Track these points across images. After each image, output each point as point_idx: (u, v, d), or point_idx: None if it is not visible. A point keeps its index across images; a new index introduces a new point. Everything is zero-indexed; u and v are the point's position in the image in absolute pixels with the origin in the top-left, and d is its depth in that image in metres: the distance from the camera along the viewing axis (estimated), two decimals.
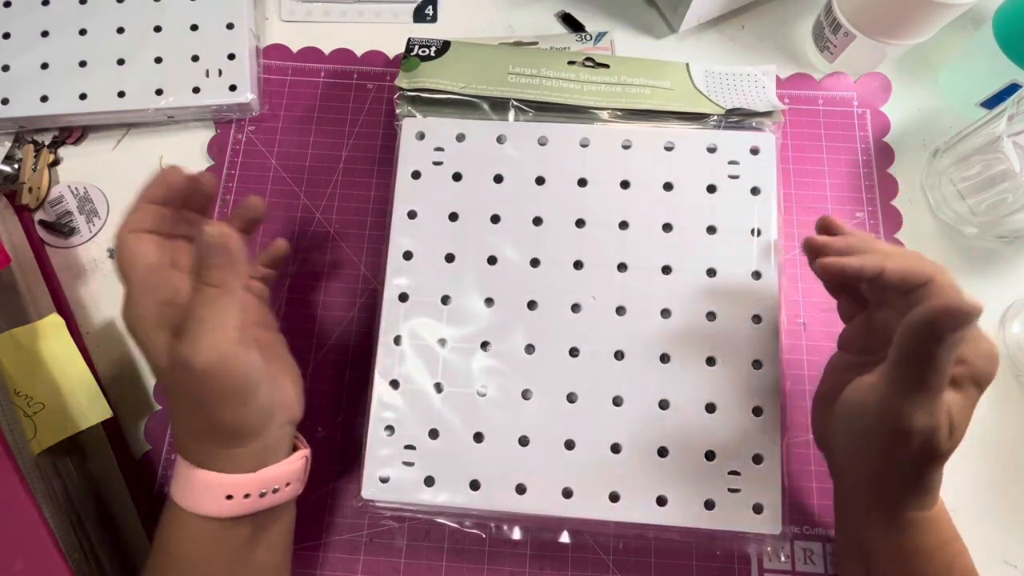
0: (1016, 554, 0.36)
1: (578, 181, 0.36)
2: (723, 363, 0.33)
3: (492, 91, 0.38)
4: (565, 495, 0.32)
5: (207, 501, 0.28)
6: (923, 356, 0.23)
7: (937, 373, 0.23)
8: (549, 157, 0.36)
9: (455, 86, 0.38)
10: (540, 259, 0.35)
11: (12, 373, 0.34)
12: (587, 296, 0.34)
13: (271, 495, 0.29)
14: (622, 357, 0.34)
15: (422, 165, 0.36)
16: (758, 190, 0.35)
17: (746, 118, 0.38)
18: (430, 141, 0.37)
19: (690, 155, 0.36)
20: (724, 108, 0.37)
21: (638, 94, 0.38)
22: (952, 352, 0.23)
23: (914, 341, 0.23)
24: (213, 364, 0.25)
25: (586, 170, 0.36)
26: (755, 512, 0.32)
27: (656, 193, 0.36)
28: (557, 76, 0.39)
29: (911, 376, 0.24)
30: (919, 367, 0.24)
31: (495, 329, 0.34)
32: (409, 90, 0.38)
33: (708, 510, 0.32)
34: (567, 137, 0.37)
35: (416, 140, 0.37)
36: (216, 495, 0.28)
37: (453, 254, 0.35)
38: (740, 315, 0.34)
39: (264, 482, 0.28)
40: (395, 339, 0.34)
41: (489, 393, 0.33)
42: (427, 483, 0.32)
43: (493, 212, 0.36)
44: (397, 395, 0.33)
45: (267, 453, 0.29)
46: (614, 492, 0.32)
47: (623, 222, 0.35)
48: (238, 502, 0.28)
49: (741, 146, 0.36)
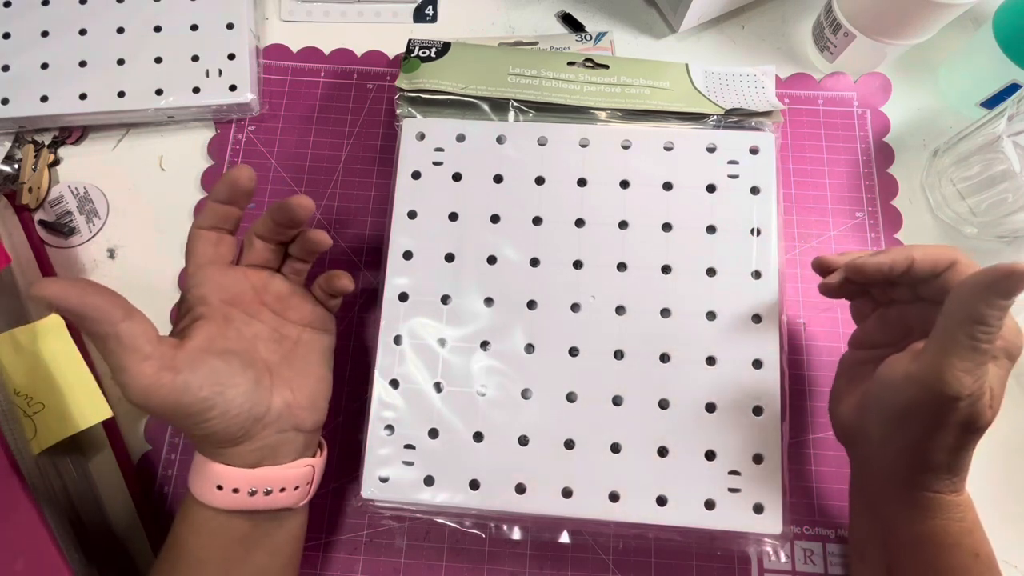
0: (1016, 554, 0.36)
1: (578, 181, 0.36)
2: (723, 363, 0.33)
3: (492, 92, 0.38)
4: (565, 495, 0.32)
5: (199, 486, 0.29)
6: (977, 319, 0.24)
7: (989, 336, 0.24)
8: (549, 157, 0.36)
9: (455, 87, 0.38)
10: (540, 259, 0.35)
11: (12, 373, 0.34)
12: (587, 296, 0.34)
13: (263, 496, 0.29)
14: (622, 357, 0.34)
15: (422, 165, 0.36)
16: (758, 189, 0.35)
17: (746, 118, 0.38)
18: (430, 141, 0.37)
19: (690, 155, 0.36)
20: (724, 108, 0.37)
21: (637, 94, 0.38)
22: (1003, 317, 0.24)
23: (968, 306, 0.24)
24: (141, 403, 0.26)
25: (586, 170, 0.36)
26: (755, 512, 0.32)
27: (656, 193, 0.36)
28: (557, 77, 0.39)
29: (963, 342, 0.24)
30: (972, 331, 0.24)
31: (495, 329, 0.34)
32: (409, 91, 0.38)
33: (708, 510, 0.32)
34: (567, 137, 0.37)
35: (416, 140, 0.37)
36: (208, 482, 0.29)
37: (453, 254, 0.35)
38: (740, 314, 0.34)
39: (256, 481, 0.29)
40: (395, 339, 0.34)
41: (489, 393, 0.33)
42: (427, 483, 0.32)
43: (493, 212, 0.36)
44: (397, 394, 0.34)
45: (264, 453, 0.29)
46: (614, 492, 0.32)
47: (623, 222, 0.35)
48: (227, 494, 0.29)
49: (741, 146, 0.36)
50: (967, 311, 0.24)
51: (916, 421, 0.26)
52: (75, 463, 0.36)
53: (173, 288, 0.40)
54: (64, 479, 0.34)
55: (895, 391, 0.27)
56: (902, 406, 0.27)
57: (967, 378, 0.25)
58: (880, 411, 0.28)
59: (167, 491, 0.37)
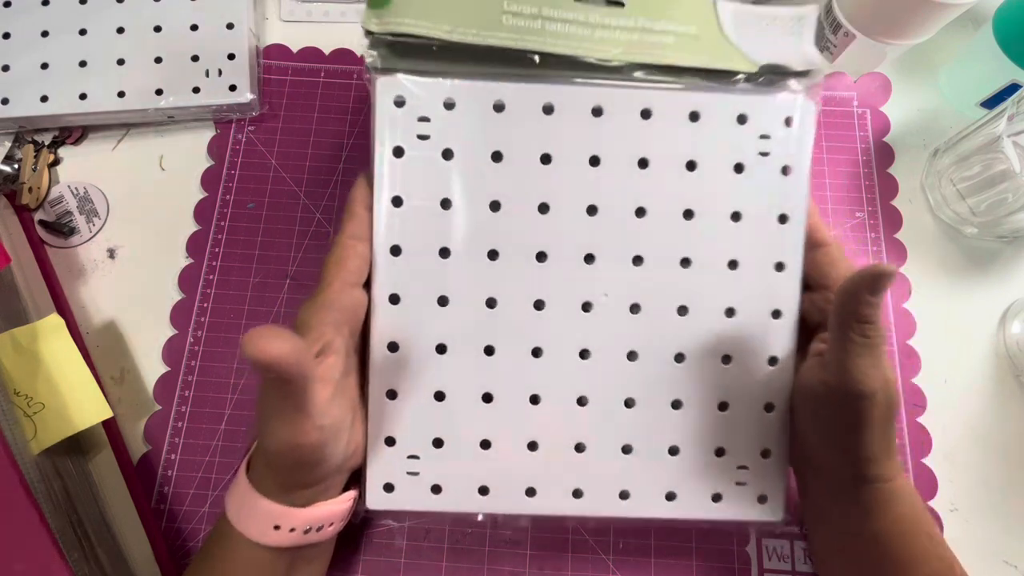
0: (1016, 554, 0.36)
1: (590, 159, 0.31)
2: (739, 361, 0.32)
3: (484, 37, 0.31)
4: (575, 495, 0.32)
5: (254, 525, 0.28)
6: (863, 319, 0.26)
7: (876, 329, 0.26)
8: (556, 129, 0.31)
9: (439, 30, 0.30)
10: (547, 253, 0.31)
11: (12, 373, 0.34)
12: (599, 294, 0.31)
13: (315, 532, 0.29)
14: (635, 358, 0.31)
15: (405, 140, 0.31)
16: (788, 169, 0.31)
17: (779, 78, 0.31)
18: (412, 108, 0.31)
19: (717, 126, 0.31)
20: (756, 64, 0.31)
21: (658, 43, 0.32)
22: (880, 311, 0.26)
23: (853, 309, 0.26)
24: (283, 450, 0.26)
25: (600, 146, 0.31)
26: (759, 502, 0.32)
27: (678, 173, 0.31)
28: (563, 18, 0.31)
29: (858, 341, 0.26)
30: (862, 331, 0.26)
31: (498, 331, 0.31)
32: (380, 34, 0.30)
33: (715, 502, 0.32)
34: (577, 103, 0.31)
35: (395, 107, 0.31)
36: (265, 523, 0.27)
37: (448, 248, 0.31)
38: (760, 310, 0.32)
39: (313, 519, 0.28)
40: (389, 346, 0.31)
41: (495, 399, 0.31)
42: (434, 491, 0.31)
43: (492, 198, 0.31)
44: (395, 405, 0.31)
45: (321, 494, 0.29)
46: (624, 491, 0.32)
47: (640, 208, 0.31)
48: (284, 534, 0.28)
49: (776, 115, 0.31)
50: (853, 314, 0.26)
51: (844, 423, 0.28)
52: (75, 463, 0.36)
53: (173, 288, 0.40)
54: (64, 479, 0.34)
55: (817, 402, 0.29)
56: (828, 414, 0.28)
57: (874, 372, 0.26)
58: (810, 422, 0.30)
59: (167, 491, 0.37)
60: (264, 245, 0.41)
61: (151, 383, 0.38)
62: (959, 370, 0.39)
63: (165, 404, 0.38)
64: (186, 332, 0.39)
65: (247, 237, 0.41)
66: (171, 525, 0.36)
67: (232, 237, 0.41)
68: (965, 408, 0.38)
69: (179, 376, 0.38)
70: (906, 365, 0.39)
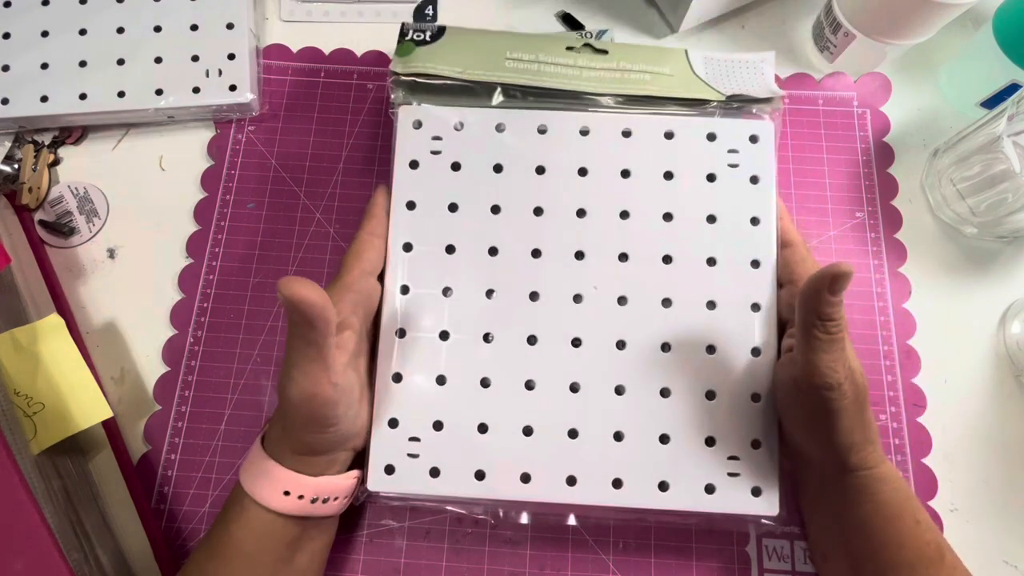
0: (1016, 554, 0.36)
1: (578, 170, 0.36)
2: (723, 351, 0.34)
3: (490, 76, 0.37)
4: (569, 483, 0.33)
5: (266, 489, 0.30)
6: (824, 317, 0.27)
7: (838, 326, 0.27)
8: (549, 146, 0.36)
9: (452, 71, 0.37)
10: (541, 250, 0.35)
11: (12, 373, 0.34)
12: (589, 286, 0.35)
13: (321, 504, 0.30)
14: (624, 347, 0.34)
15: (420, 154, 0.36)
16: (757, 179, 0.36)
17: (746, 104, 0.37)
18: (427, 130, 0.36)
19: (690, 143, 0.36)
20: (724, 95, 0.37)
21: (638, 80, 0.38)
22: (842, 308, 0.27)
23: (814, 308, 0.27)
24: (301, 399, 0.28)
25: (586, 159, 0.36)
26: (753, 495, 0.32)
27: (656, 182, 0.36)
28: (555, 62, 0.38)
29: (821, 338, 0.27)
30: (825, 328, 0.27)
31: (497, 320, 0.34)
32: (404, 75, 0.37)
33: (708, 494, 0.32)
34: (567, 125, 0.36)
35: (413, 129, 0.36)
36: (276, 487, 0.29)
37: (453, 245, 0.35)
38: (739, 303, 0.34)
39: (320, 489, 0.30)
40: (397, 332, 0.34)
41: (492, 384, 0.34)
42: (432, 474, 0.33)
43: (493, 203, 0.36)
44: (400, 388, 0.34)
45: (328, 467, 0.31)
46: (617, 479, 0.33)
47: (624, 212, 0.35)
48: (292, 500, 0.30)
49: (741, 134, 0.36)
50: (816, 312, 0.27)
51: (818, 415, 0.29)
52: (75, 463, 0.36)
53: (173, 288, 0.40)
54: (64, 479, 0.34)
55: (791, 397, 0.31)
56: (803, 408, 0.30)
57: (837, 366, 0.28)
58: (791, 417, 0.32)
59: (167, 491, 0.37)
60: (264, 245, 0.41)
61: (151, 383, 0.38)
62: (959, 370, 0.39)
63: (165, 404, 0.38)
64: (186, 332, 0.39)
65: (247, 237, 0.41)
66: (171, 525, 0.36)
67: (232, 237, 0.41)
68: (965, 408, 0.38)
69: (179, 376, 0.38)
70: (906, 365, 0.39)
